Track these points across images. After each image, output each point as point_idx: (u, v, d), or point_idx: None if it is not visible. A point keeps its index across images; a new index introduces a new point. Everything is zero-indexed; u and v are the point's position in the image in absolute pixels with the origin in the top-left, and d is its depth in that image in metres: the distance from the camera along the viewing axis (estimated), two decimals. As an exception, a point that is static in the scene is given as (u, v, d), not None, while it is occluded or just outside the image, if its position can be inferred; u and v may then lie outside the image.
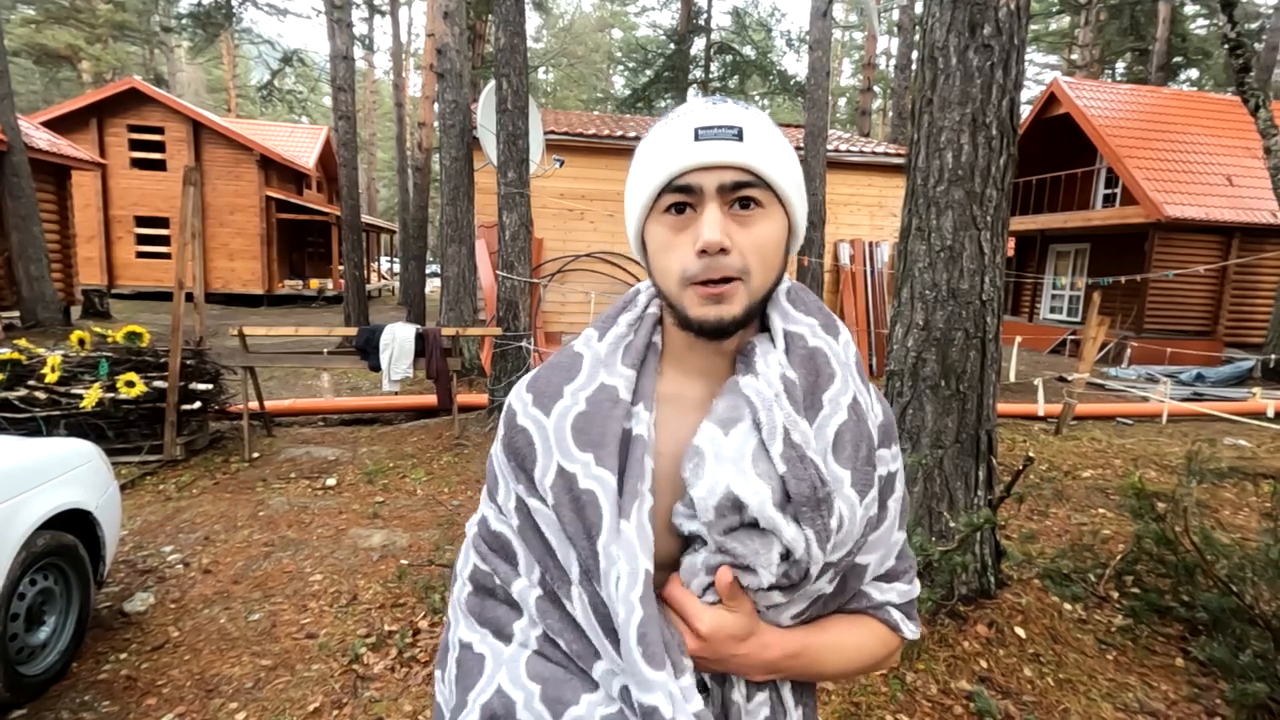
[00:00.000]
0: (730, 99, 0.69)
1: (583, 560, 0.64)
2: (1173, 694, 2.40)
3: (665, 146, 0.66)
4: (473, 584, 0.76)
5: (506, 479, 0.72)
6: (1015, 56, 2.65)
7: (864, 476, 0.66)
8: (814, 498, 0.62)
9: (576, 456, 0.65)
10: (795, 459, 0.62)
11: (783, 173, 0.66)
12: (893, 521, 0.74)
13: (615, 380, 0.69)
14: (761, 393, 0.65)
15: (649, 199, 0.67)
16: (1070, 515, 4.27)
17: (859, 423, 0.67)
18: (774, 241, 0.67)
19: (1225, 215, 12.07)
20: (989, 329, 2.76)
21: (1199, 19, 23.84)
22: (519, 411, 0.72)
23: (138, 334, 4.95)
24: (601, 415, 0.67)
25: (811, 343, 0.69)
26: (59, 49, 24.08)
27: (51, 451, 2.48)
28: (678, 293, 0.66)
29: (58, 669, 2.41)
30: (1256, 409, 7.31)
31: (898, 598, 0.77)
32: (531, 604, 0.69)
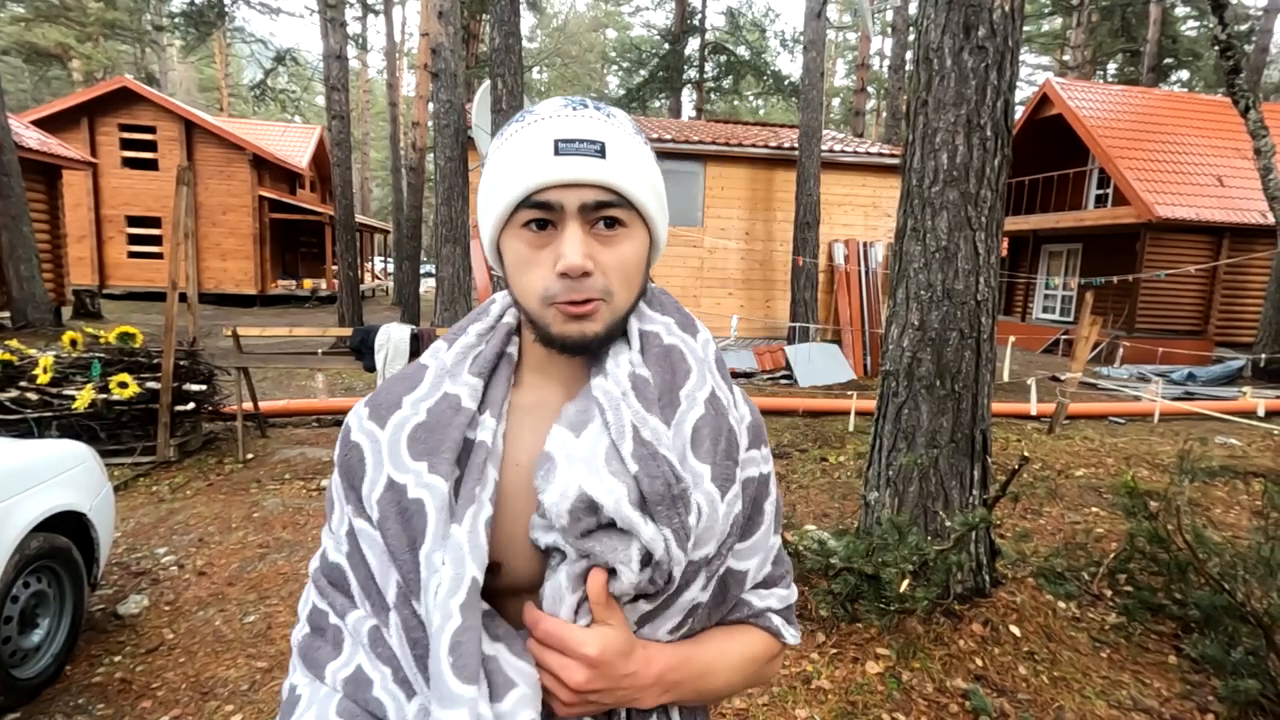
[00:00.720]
0: (590, 102, 0.66)
1: (404, 574, 0.60)
2: (1166, 691, 2.42)
3: (523, 157, 0.62)
4: (309, 624, 0.71)
5: (339, 502, 0.68)
6: (1010, 58, 2.66)
7: (724, 471, 0.64)
8: (668, 495, 0.59)
9: (409, 466, 0.62)
10: (647, 457, 0.60)
11: (646, 190, 0.65)
12: (769, 525, 0.73)
13: (459, 389, 0.66)
14: (609, 392, 0.63)
15: (505, 212, 0.63)
16: (1064, 514, 4.30)
17: (718, 417, 0.66)
18: (636, 260, 0.65)
19: (1216, 216, 12.17)
20: (984, 329, 2.77)
21: (1189, 21, 24.02)
22: (353, 427, 0.68)
23: (130, 334, 4.92)
24: (441, 424, 0.63)
25: (666, 340, 0.68)
26: (49, 47, 23.92)
27: (44, 453, 2.47)
28: (539, 310, 0.64)
29: (51, 672, 2.39)
30: (1247, 408, 7.37)
31: (778, 603, 0.75)
32: (364, 635, 0.64)
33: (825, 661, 2.51)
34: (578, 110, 0.64)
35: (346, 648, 0.66)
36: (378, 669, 0.63)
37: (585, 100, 0.65)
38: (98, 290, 15.24)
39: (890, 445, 2.90)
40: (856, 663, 2.50)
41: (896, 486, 2.88)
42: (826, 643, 2.60)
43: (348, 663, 0.65)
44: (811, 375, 8.82)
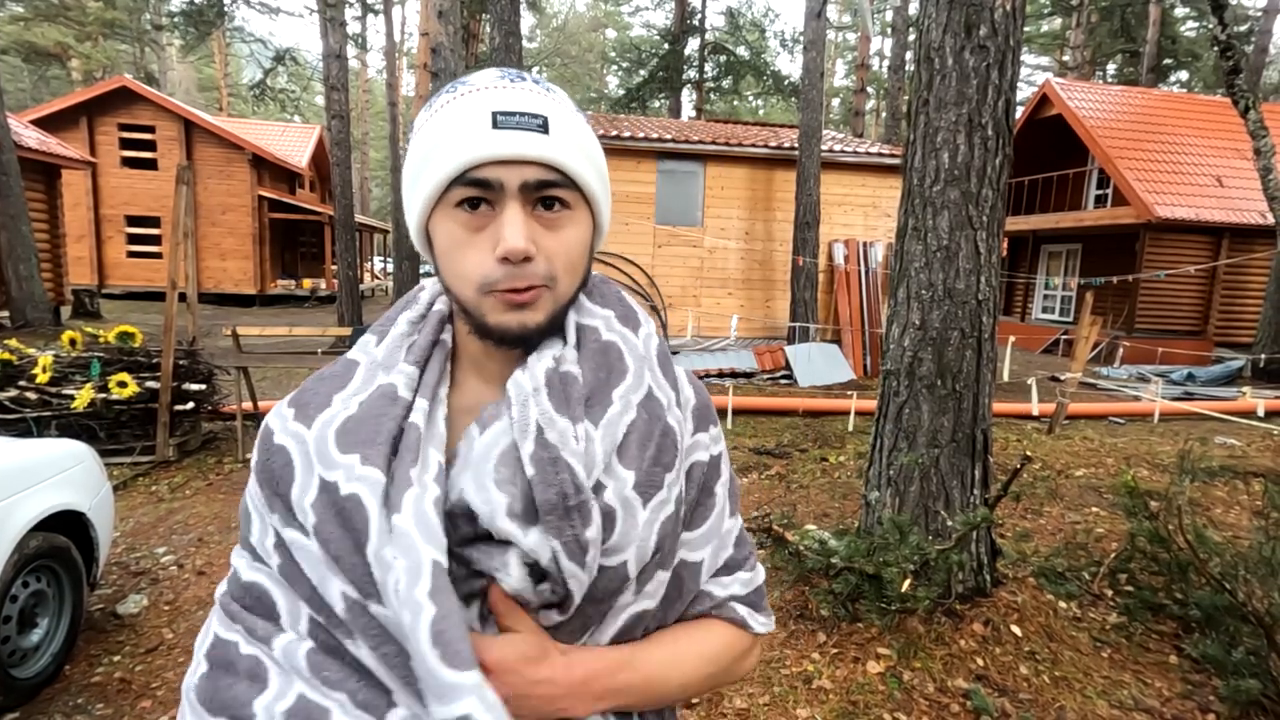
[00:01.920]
0: (528, 76, 0.60)
1: (354, 579, 0.54)
2: (1167, 691, 2.42)
3: (456, 130, 0.56)
4: (209, 662, 0.60)
5: (261, 513, 0.61)
6: (1011, 57, 2.66)
7: (651, 478, 0.60)
8: (562, 505, 0.55)
9: (339, 462, 0.56)
10: (546, 461, 0.55)
11: (590, 169, 0.60)
12: (722, 508, 0.70)
13: (394, 378, 0.60)
14: (521, 387, 0.58)
15: (436, 190, 0.57)
16: (1064, 514, 4.30)
17: (650, 420, 0.62)
18: (581, 245, 0.61)
19: (1215, 216, 12.17)
20: (985, 328, 2.77)
21: (1189, 21, 24.04)
22: (276, 429, 0.61)
23: (130, 334, 4.92)
24: (374, 414, 0.58)
25: (605, 336, 0.64)
26: (48, 47, 23.92)
27: (43, 453, 2.46)
28: (475, 299, 0.58)
29: (50, 672, 2.39)
30: (1246, 408, 7.37)
31: (741, 588, 0.71)
32: (302, 661, 0.56)
33: (826, 661, 2.50)
34: (515, 82, 0.58)
35: (274, 678, 0.56)
36: (330, 697, 0.55)
37: (523, 74, 0.60)
38: (97, 290, 15.23)
39: (891, 445, 2.90)
40: (857, 662, 2.49)
41: (898, 486, 2.87)
42: (827, 642, 2.60)
43: (282, 694, 0.55)
44: (811, 375, 8.82)
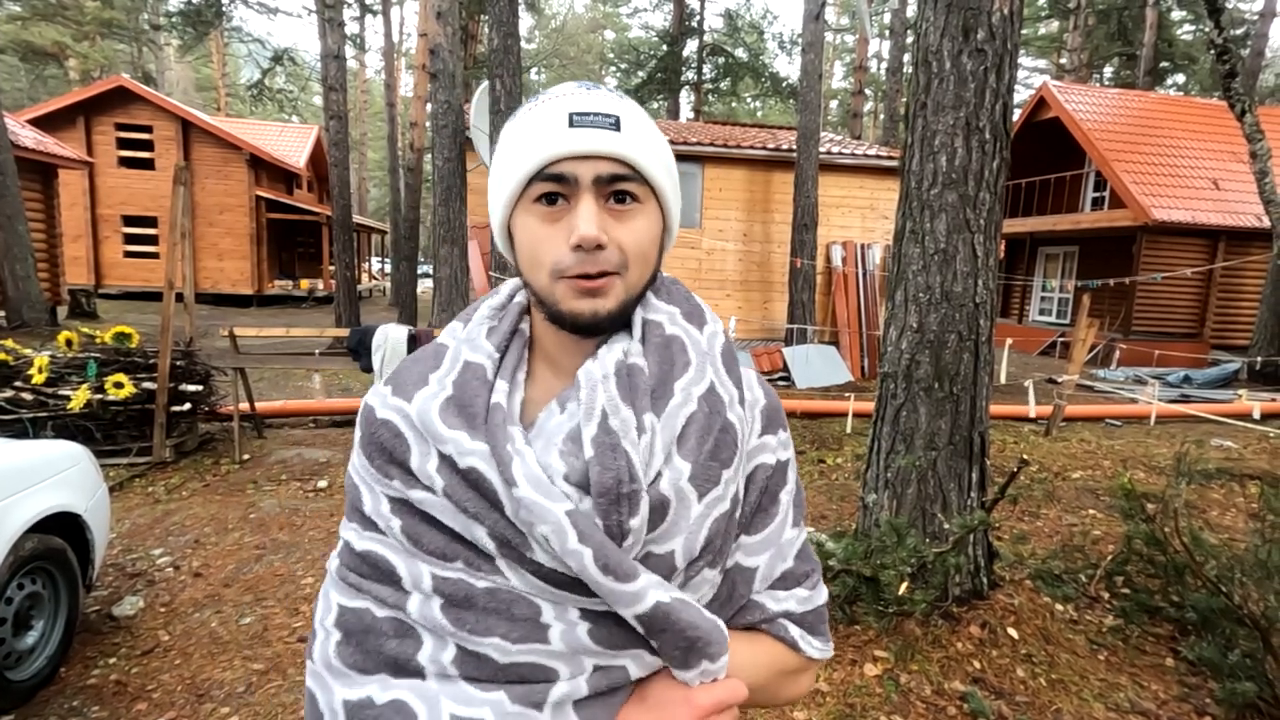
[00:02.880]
0: (603, 85, 0.65)
1: (500, 534, 0.59)
2: (1163, 694, 2.42)
3: (537, 131, 0.61)
4: (341, 630, 0.63)
5: (371, 484, 0.65)
6: (1008, 61, 2.67)
7: (707, 472, 0.62)
8: (615, 490, 0.57)
9: (447, 437, 0.60)
10: (606, 445, 0.58)
11: (660, 167, 0.63)
12: (785, 517, 0.70)
13: (478, 358, 0.65)
14: (590, 374, 0.61)
15: (518, 187, 0.62)
16: (1061, 516, 4.30)
17: (710, 415, 0.63)
18: (650, 237, 0.64)
19: (1211, 219, 12.21)
20: (982, 331, 2.78)
21: (1185, 25, 24.12)
22: (378, 406, 0.65)
23: (126, 334, 4.91)
24: (469, 393, 0.62)
25: (669, 330, 0.66)
26: (45, 46, 23.85)
27: (39, 454, 2.46)
28: (549, 286, 0.62)
29: (46, 674, 2.38)
30: (1243, 410, 7.39)
31: (797, 605, 0.70)
32: (439, 616, 0.59)
33: (823, 664, 2.50)
34: (591, 89, 0.63)
35: (424, 634, 0.60)
36: (484, 644, 0.59)
37: (598, 84, 0.65)
38: (94, 290, 15.19)
39: (889, 447, 2.90)
40: (855, 665, 2.49)
41: (895, 488, 2.88)
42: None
43: (440, 646, 0.60)
44: (809, 377, 8.83)
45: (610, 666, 0.60)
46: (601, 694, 0.60)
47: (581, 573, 0.56)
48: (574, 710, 0.59)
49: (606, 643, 0.59)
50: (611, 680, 0.60)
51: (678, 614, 0.58)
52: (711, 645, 0.60)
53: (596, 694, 0.60)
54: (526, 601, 0.59)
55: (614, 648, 0.60)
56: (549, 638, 0.59)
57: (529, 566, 0.59)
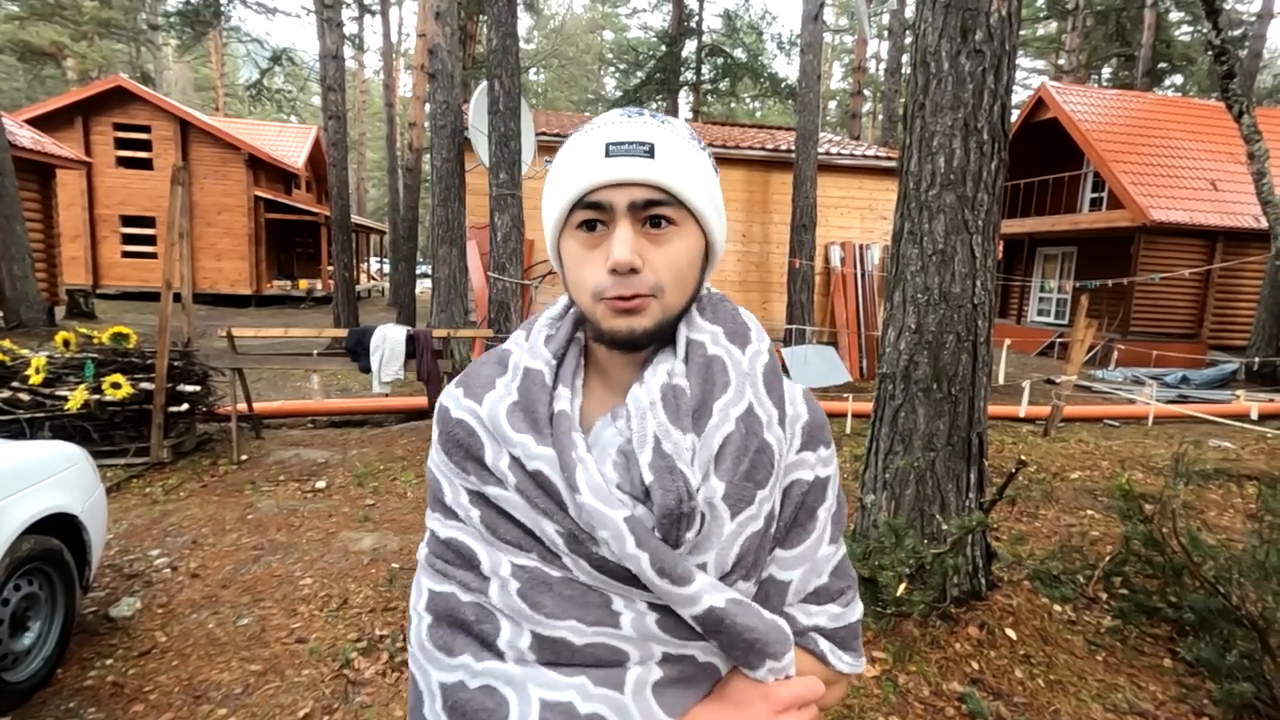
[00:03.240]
0: (647, 112, 0.68)
1: (568, 528, 0.63)
2: (1161, 694, 2.42)
3: (577, 162, 0.65)
4: (431, 614, 0.68)
5: (451, 479, 0.70)
6: (1006, 62, 2.67)
7: (741, 492, 0.64)
8: (677, 510, 0.60)
9: (515, 440, 0.65)
10: (663, 469, 0.61)
11: (696, 189, 0.66)
12: (822, 533, 0.71)
13: (538, 365, 0.69)
14: (639, 400, 0.65)
15: (561, 215, 0.66)
16: (1059, 517, 4.31)
17: (747, 435, 0.65)
18: (688, 259, 0.66)
19: (1209, 219, 12.23)
20: (980, 332, 2.78)
21: (1183, 26, 24.15)
22: (452, 406, 0.71)
23: (124, 335, 4.90)
24: (532, 399, 0.67)
25: (710, 350, 0.68)
26: (43, 46, 23.81)
27: (36, 455, 2.45)
28: (590, 306, 0.66)
29: (42, 675, 2.37)
30: (1240, 411, 7.40)
31: (828, 621, 0.71)
32: (519, 602, 0.63)
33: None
34: (632, 118, 0.66)
35: (502, 620, 0.64)
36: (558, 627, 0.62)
37: (642, 110, 0.68)
38: (91, 290, 15.17)
39: (887, 448, 2.90)
40: (853, 666, 2.49)
41: (893, 489, 2.88)
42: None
43: (517, 632, 0.64)
44: (808, 377, 8.83)
45: (680, 655, 0.64)
46: (679, 683, 0.64)
47: (640, 574, 0.60)
48: (653, 695, 0.62)
49: (674, 632, 0.63)
50: (685, 669, 0.64)
51: (733, 616, 0.61)
52: (772, 645, 0.64)
53: (674, 682, 0.64)
54: (597, 591, 0.63)
55: (681, 638, 0.63)
56: (620, 623, 0.63)
57: (595, 562, 0.63)
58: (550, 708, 0.60)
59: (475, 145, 7.93)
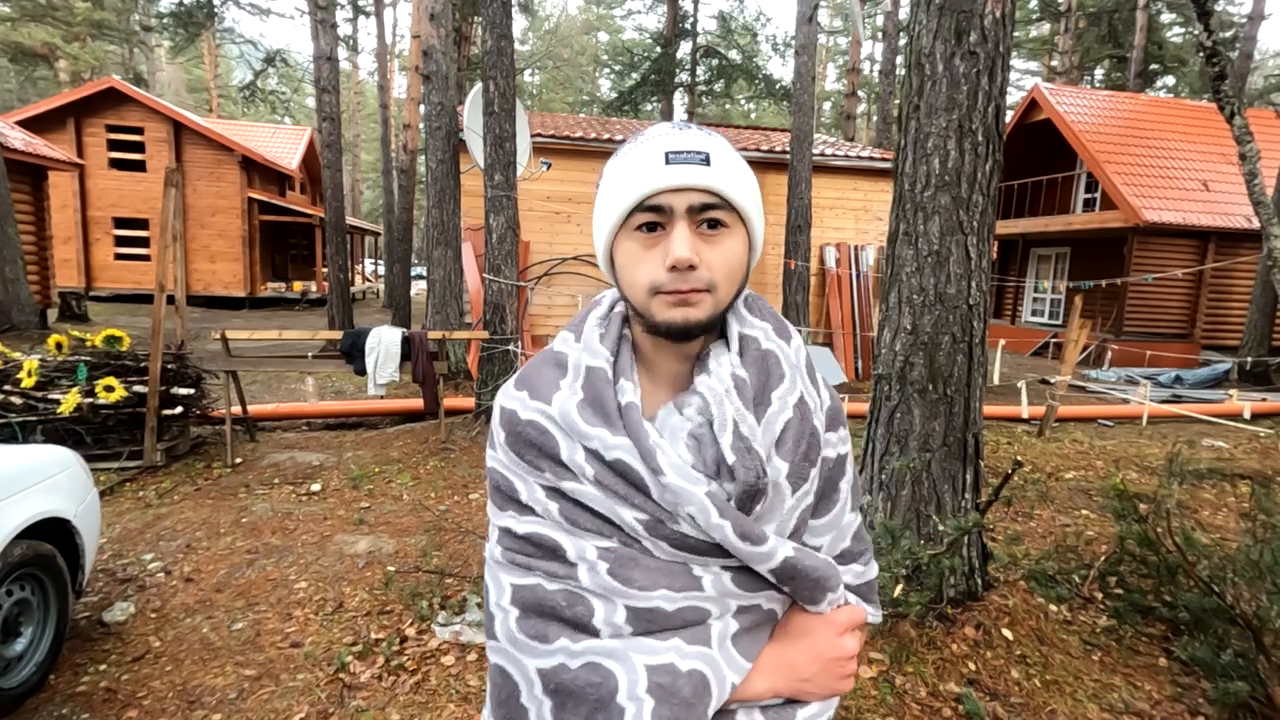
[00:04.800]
0: (693, 125, 0.74)
1: (650, 512, 0.69)
2: (1156, 694, 2.43)
3: (637, 168, 0.70)
4: (519, 606, 0.71)
5: (524, 477, 0.74)
6: (1001, 63, 2.68)
7: (800, 471, 0.73)
8: (755, 487, 0.68)
9: (590, 434, 0.70)
10: (743, 450, 0.68)
11: (745, 195, 0.72)
12: (844, 503, 0.80)
13: (598, 362, 0.73)
14: (714, 388, 0.71)
15: (621, 216, 0.71)
16: (1054, 517, 4.32)
17: (803, 421, 0.74)
18: (738, 258, 0.72)
19: (1201, 220, 12.29)
20: (975, 333, 2.78)
21: (1175, 27, 24.29)
22: (519, 409, 0.75)
23: (117, 338, 4.87)
24: (599, 394, 0.71)
25: (764, 345, 0.75)
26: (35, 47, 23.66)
27: (28, 459, 2.43)
28: (645, 301, 0.70)
29: (35, 681, 2.35)
30: (1233, 410, 7.44)
31: (853, 579, 0.81)
32: (609, 579, 0.69)
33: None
34: (684, 130, 0.72)
35: (593, 600, 0.69)
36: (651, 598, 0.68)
37: (690, 123, 0.74)
38: (84, 293, 15.07)
39: (883, 449, 2.90)
40: (850, 667, 2.49)
41: (889, 490, 2.88)
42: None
43: (611, 609, 0.68)
44: (803, 378, 8.83)
45: (750, 605, 0.72)
46: (750, 631, 0.73)
47: (724, 541, 0.68)
48: (732, 644, 0.71)
49: (745, 586, 0.72)
50: (753, 617, 0.73)
51: (802, 562, 0.71)
52: (831, 579, 0.74)
53: (746, 631, 0.72)
54: (676, 563, 0.70)
55: (750, 590, 0.72)
56: (702, 585, 0.70)
57: (674, 540, 0.69)
58: (655, 671, 0.66)
59: (470, 147, 7.92)
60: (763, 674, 0.72)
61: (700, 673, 0.67)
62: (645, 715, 0.64)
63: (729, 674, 0.69)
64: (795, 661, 0.73)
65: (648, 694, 0.65)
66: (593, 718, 0.66)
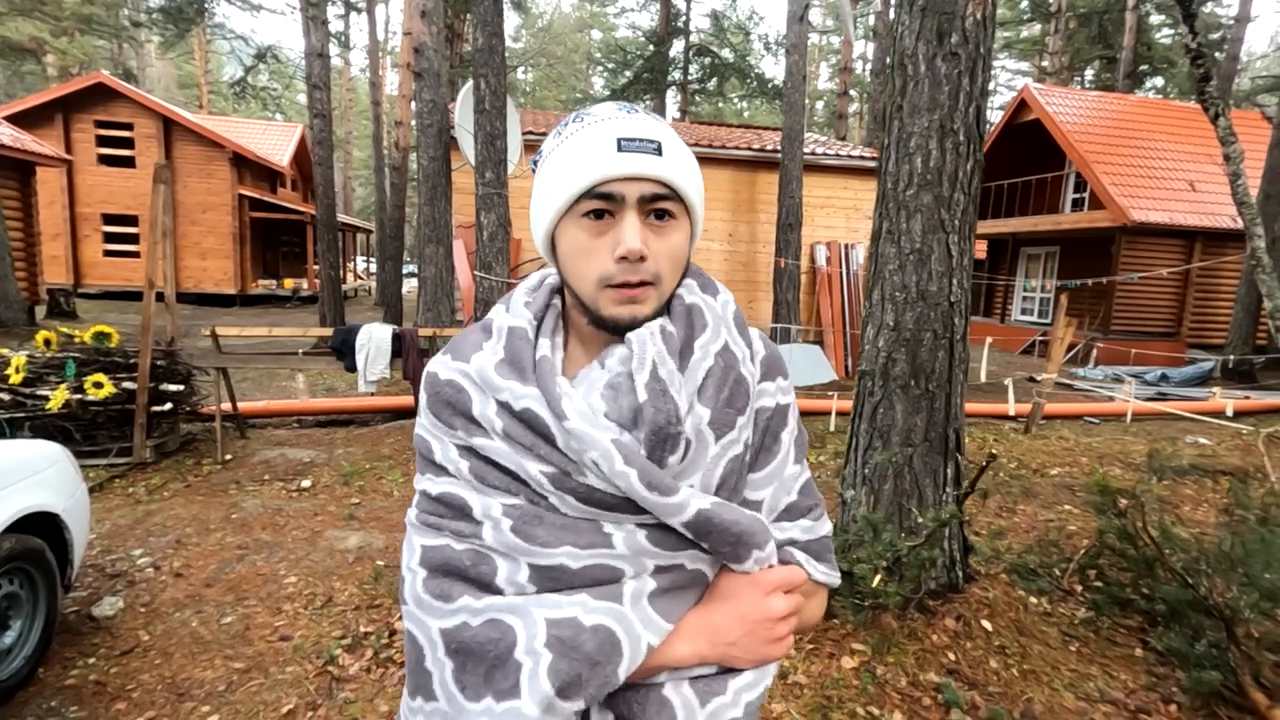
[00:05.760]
0: (640, 108, 0.73)
1: (554, 463, 0.68)
2: (1132, 683, 2.48)
3: (587, 152, 0.68)
4: (426, 567, 0.70)
5: (439, 436, 0.74)
6: (982, 64, 2.72)
7: (724, 417, 0.71)
8: (665, 429, 0.66)
9: (502, 386, 0.69)
10: (657, 391, 0.67)
11: (693, 186, 0.72)
12: (785, 454, 0.78)
13: (519, 323, 0.74)
14: (639, 335, 0.70)
15: (568, 202, 0.69)
16: (1038, 512, 4.38)
17: (726, 368, 0.72)
18: (682, 250, 0.72)
19: (1188, 220, 12.42)
20: (957, 330, 2.83)
21: (1164, 29, 24.48)
22: (440, 370, 0.75)
23: (106, 334, 4.86)
24: (517, 351, 0.71)
25: (689, 300, 0.75)
26: (23, 41, 23.44)
27: (17, 454, 2.44)
28: (593, 294, 0.70)
29: (24, 675, 2.36)
30: (1217, 408, 7.54)
31: (801, 534, 0.77)
32: (512, 537, 0.67)
33: (801, 657, 2.54)
34: (632, 114, 0.71)
35: (497, 559, 0.68)
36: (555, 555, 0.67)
37: (636, 106, 0.73)
38: (73, 289, 14.99)
39: (866, 444, 2.94)
40: (832, 658, 2.53)
41: (872, 484, 2.92)
42: (803, 639, 2.64)
43: (515, 567, 0.68)
44: (794, 376, 8.84)
45: (670, 565, 0.69)
46: (671, 591, 0.69)
47: (629, 490, 0.65)
48: (649, 604, 0.67)
49: (663, 544, 0.68)
50: (674, 578, 0.69)
51: (719, 515, 0.67)
52: (756, 535, 0.69)
53: (666, 591, 0.69)
54: (586, 519, 0.68)
55: (670, 549, 0.68)
56: (613, 543, 0.67)
57: (580, 494, 0.67)
58: (556, 624, 0.63)
59: (461, 144, 7.91)
60: (684, 637, 0.68)
61: (607, 628, 0.63)
62: (542, 670, 0.61)
63: (644, 633, 0.65)
64: (718, 624, 0.69)
65: (545, 648, 0.62)
66: (490, 675, 0.63)
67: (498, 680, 0.63)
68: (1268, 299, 4.37)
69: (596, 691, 0.63)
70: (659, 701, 0.66)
